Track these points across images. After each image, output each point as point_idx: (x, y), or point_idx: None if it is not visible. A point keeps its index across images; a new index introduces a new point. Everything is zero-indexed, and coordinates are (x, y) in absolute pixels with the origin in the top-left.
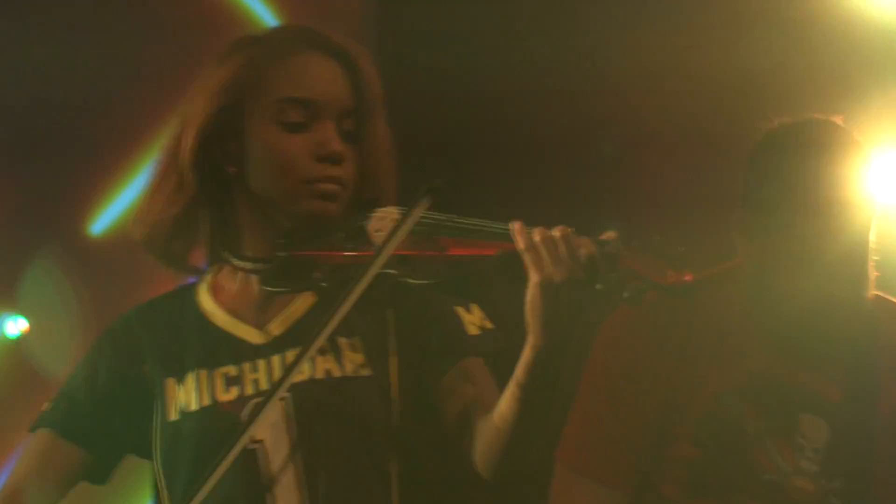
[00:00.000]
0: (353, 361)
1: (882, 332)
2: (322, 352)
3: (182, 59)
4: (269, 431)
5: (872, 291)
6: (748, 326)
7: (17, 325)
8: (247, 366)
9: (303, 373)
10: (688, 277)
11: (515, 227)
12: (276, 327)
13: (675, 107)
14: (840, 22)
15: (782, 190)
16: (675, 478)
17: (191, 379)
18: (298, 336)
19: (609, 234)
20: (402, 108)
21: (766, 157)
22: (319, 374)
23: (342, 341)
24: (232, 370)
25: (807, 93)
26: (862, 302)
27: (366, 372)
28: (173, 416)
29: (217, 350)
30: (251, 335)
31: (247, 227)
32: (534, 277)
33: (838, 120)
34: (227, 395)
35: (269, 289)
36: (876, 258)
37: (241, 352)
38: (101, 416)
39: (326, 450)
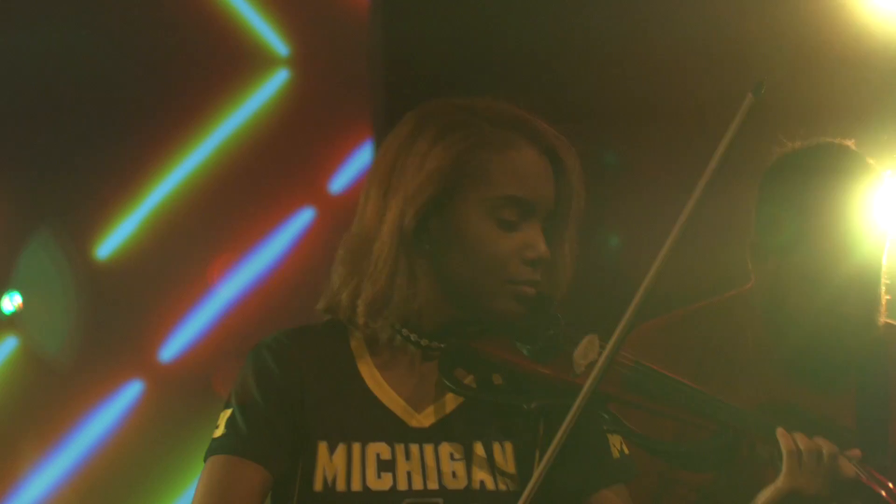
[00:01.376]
0: (505, 475)
1: (893, 358)
2: (478, 459)
3: (186, 84)
4: None
5: (884, 317)
6: (760, 350)
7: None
8: (399, 448)
9: (458, 479)
10: None
11: (780, 431)
12: (429, 416)
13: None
14: (852, 44)
15: (795, 213)
16: (686, 501)
17: (342, 451)
18: (450, 429)
19: (855, 453)
20: (405, 108)
21: (779, 180)
22: (475, 485)
23: (496, 447)
24: (384, 451)
25: (820, 116)
26: (874, 326)
27: (515, 488)
28: (318, 486)
29: (371, 422)
30: (407, 415)
31: (424, 305)
32: (782, 482)
33: (851, 144)
34: (380, 484)
35: (445, 380)
36: (887, 282)
37: (395, 431)
38: (276, 433)
39: None
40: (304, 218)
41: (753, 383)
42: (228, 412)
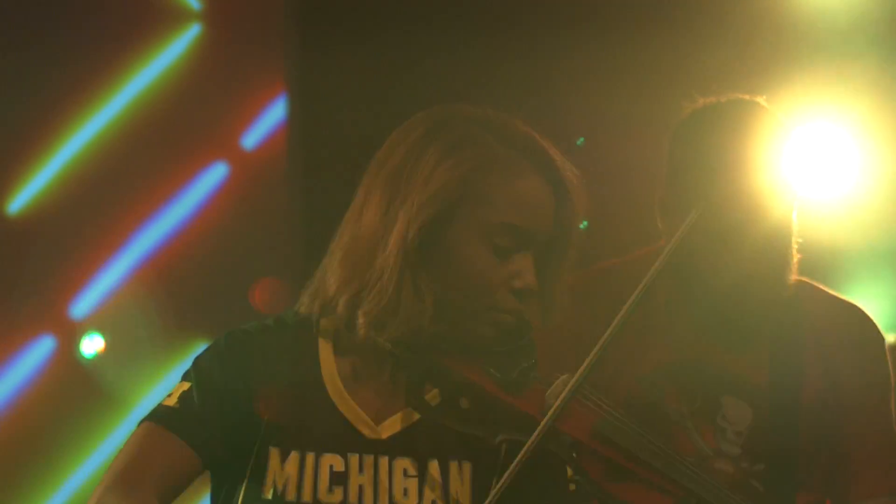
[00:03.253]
0: (459, 496)
1: (806, 316)
2: (431, 479)
3: (96, 38)
4: None
5: (795, 275)
6: (672, 309)
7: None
8: (354, 460)
9: (409, 498)
10: None
11: None
12: (388, 428)
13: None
14: (767, 3)
15: (704, 169)
16: (597, 458)
17: (294, 459)
18: (408, 443)
19: None
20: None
21: (689, 136)
22: None
23: (452, 466)
24: (338, 462)
25: (731, 73)
26: (784, 284)
27: None
28: (268, 493)
29: (327, 431)
30: (364, 426)
31: (401, 312)
32: None
33: (762, 100)
34: (330, 497)
35: (410, 396)
36: (799, 240)
37: (351, 442)
38: (221, 429)
39: None
40: (216, 173)
41: (665, 342)
42: (186, 386)
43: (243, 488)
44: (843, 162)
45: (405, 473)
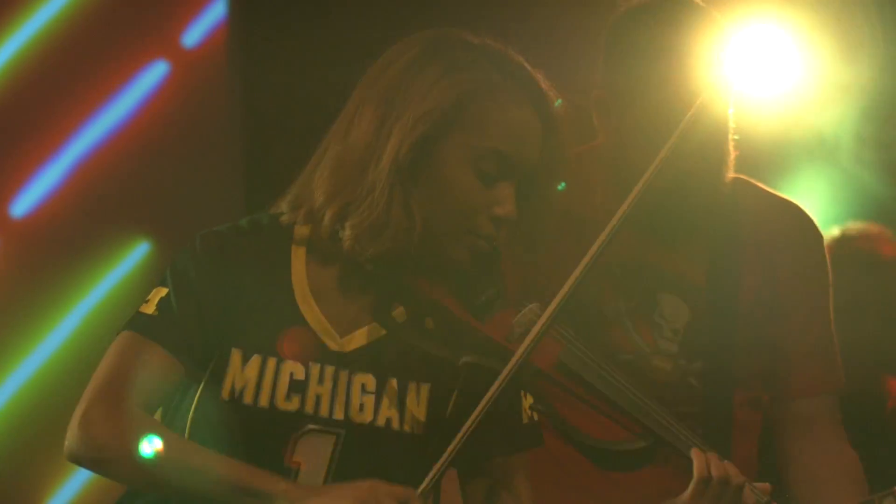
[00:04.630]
0: (414, 417)
1: (743, 214)
2: (389, 396)
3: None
4: (311, 458)
5: (733, 172)
6: (608, 207)
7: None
8: (315, 369)
9: (365, 413)
10: None
11: (695, 452)
12: (352, 341)
13: None
14: None
15: (638, 67)
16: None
17: (255, 363)
18: (369, 359)
19: (764, 486)
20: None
21: (624, 32)
22: (380, 422)
23: (412, 386)
24: (299, 370)
25: None
26: (721, 181)
27: (420, 432)
28: (225, 394)
29: (292, 338)
30: (328, 336)
31: (389, 228)
32: (684, 502)
33: None
34: (287, 405)
35: (378, 312)
36: (736, 137)
37: (314, 351)
38: (201, 332)
39: None
40: (156, 71)
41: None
42: (164, 292)
43: (201, 387)
44: (781, 60)
45: (363, 389)
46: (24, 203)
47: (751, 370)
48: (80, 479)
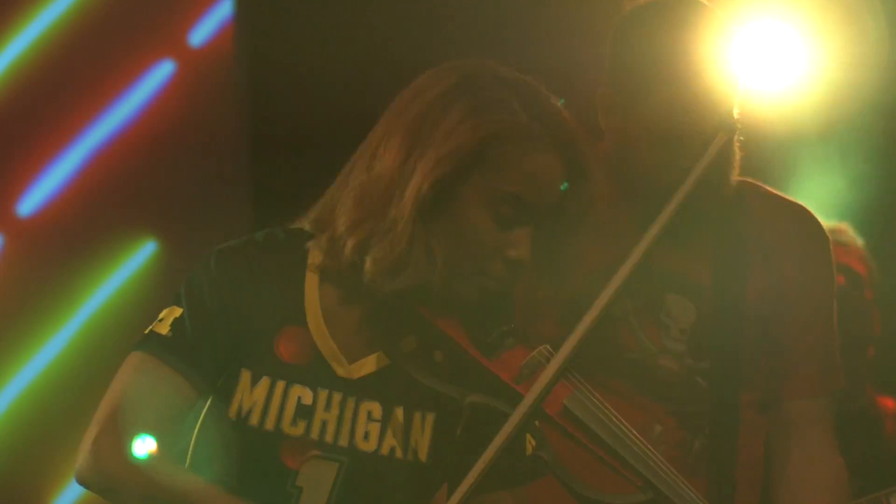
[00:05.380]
0: (418, 446)
1: (749, 215)
2: (394, 425)
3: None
4: (313, 484)
5: (736, 173)
6: (615, 208)
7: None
8: (322, 395)
9: (370, 441)
10: None
11: None
12: (360, 368)
13: None
14: None
15: (644, 66)
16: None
17: (264, 385)
18: (376, 387)
19: None
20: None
21: (629, 32)
22: (384, 451)
23: (416, 416)
24: (307, 395)
25: None
26: (726, 182)
27: (424, 461)
28: (232, 413)
29: (301, 362)
30: (337, 363)
31: (411, 266)
32: None
33: None
34: (293, 430)
35: (386, 343)
36: (741, 139)
37: (323, 377)
38: (213, 355)
39: None
40: (163, 71)
41: (608, 240)
42: (178, 312)
43: (207, 405)
44: (787, 58)
45: (369, 416)
46: (30, 202)
47: (757, 371)
48: None
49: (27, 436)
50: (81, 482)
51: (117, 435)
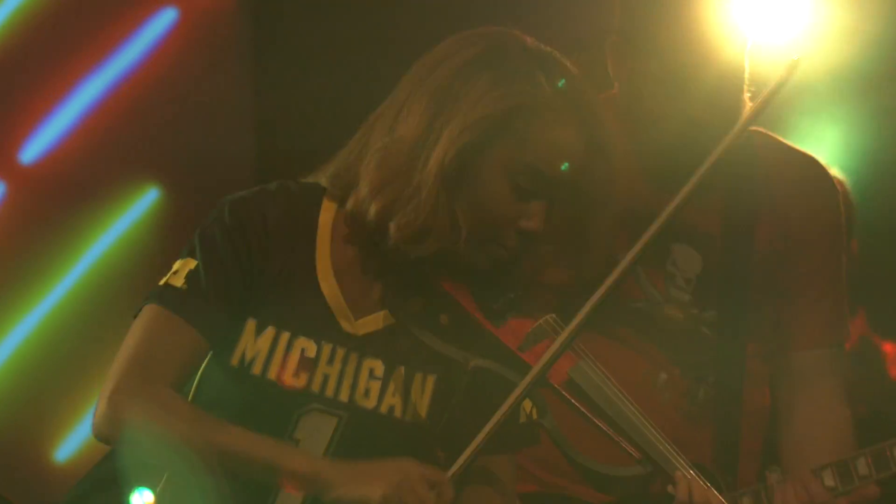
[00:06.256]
0: (417, 406)
1: (758, 165)
2: (395, 384)
3: None
4: (311, 437)
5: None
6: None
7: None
8: (326, 349)
9: (370, 398)
10: None
11: (679, 475)
12: (366, 325)
13: None
14: None
15: (653, 12)
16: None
17: (269, 335)
18: (380, 345)
19: None
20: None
21: None
22: (384, 409)
23: (417, 377)
24: (311, 348)
25: None
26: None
27: (422, 422)
28: (234, 360)
29: (307, 314)
30: (344, 318)
31: (434, 232)
32: None
33: None
34: (294, 381)
35: (394, 301)
36: (752, 89)
37: (328, 330)
38: (227, 309)
39: None
40: (166, 17)
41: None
42: (193, 264)
43: (211, 352)
44: (798, 8)
45: (371, 374)
46: (33, 149)
47: (764, 321)
48: (90, 424)
49: (30, 384)
50: (100, 436)
51: (134, 387)
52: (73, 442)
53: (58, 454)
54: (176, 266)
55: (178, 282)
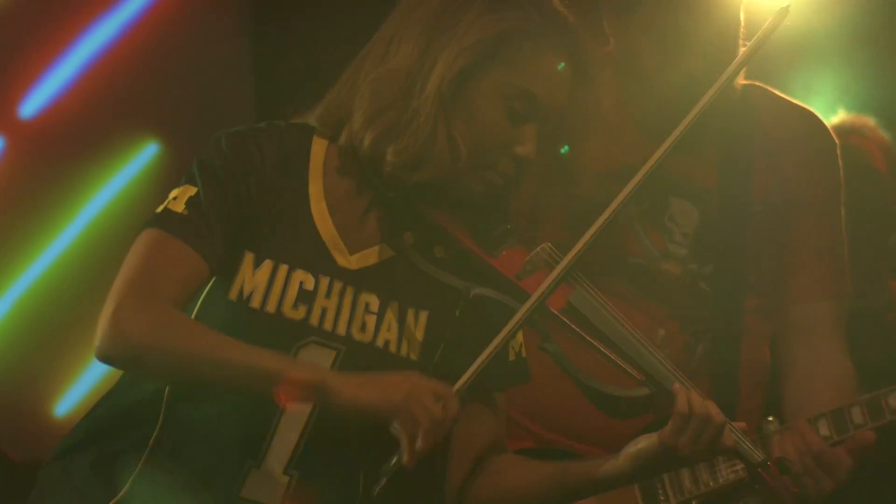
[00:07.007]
0: (411, 341)
1: (755, 119)
2: (390, 318)
3: None
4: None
5: (742, 77)
6: (621, 111)
7: None
8: (324, 281)
9: (366, 332)
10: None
11: (677, 387)
12: (360, 259)
13: None
14: None
15: None
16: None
17: (267, 268)
18: (375, 280)
19: (741, 425)
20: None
21: None
22: (379, 343)
23: (410, 312)
24: (308, 280)
25: None
26: (731, 85)
27: (416, 357)
28: (233, 294)
29: (303, 247)
30: (338, 252)
31: (434, 157)
32: (662, 438)
33: None
34: (293, 313)
35: (389, 234)
36: (747, 43)
37: (324, 264)
38: (226, 235)
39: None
40: None
41: (612, 144)
42: (193, 191)
43: (209, 286)
44: None
45: (367, 308)
46: (32, 104)
47: (762, 275)
48: (90, 378)
49: (30, 339)
50: (103, 358)
51: (138, 302)
52: (73, 396)
53: (57, 409)
54: (174, 193)
55: (179, 207)
